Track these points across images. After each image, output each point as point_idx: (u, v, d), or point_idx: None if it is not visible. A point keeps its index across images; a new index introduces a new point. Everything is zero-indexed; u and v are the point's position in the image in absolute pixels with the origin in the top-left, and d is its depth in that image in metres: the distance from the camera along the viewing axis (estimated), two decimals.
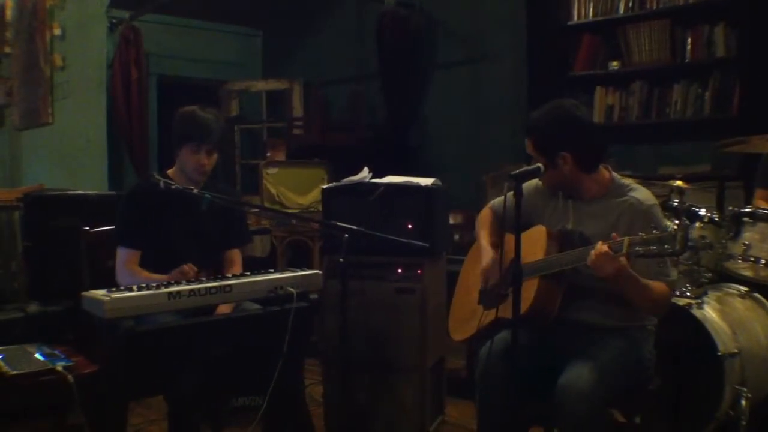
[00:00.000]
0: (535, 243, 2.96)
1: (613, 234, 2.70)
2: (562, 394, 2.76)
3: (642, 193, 2.95)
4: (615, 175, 3.05)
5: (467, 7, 6.75)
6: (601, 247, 2.67)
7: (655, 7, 5.69)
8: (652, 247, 2.57)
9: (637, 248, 2.60)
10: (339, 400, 3.90)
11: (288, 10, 7.95)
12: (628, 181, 3.05)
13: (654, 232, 2.60)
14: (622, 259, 2.66)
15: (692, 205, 3.73)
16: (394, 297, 3.83)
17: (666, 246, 2.54)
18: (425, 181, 3.89)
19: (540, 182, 3.10)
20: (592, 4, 5.93)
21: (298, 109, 7.85)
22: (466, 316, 3.22)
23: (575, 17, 6.03)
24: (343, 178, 4.03)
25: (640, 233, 2.63)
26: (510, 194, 2.71)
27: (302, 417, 3.38)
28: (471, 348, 4.69)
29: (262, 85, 8.20)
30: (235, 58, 8.44)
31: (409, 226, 3.77)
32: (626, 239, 2.63)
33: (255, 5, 7.91)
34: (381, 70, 7.14)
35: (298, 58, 8.11)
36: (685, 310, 3.48)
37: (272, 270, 3.19)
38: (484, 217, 3.34)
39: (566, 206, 3.05)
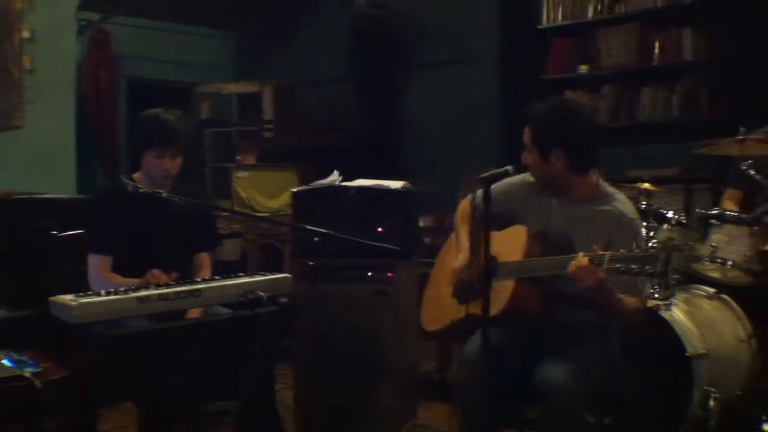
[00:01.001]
0: (514, 242, 2.97)
1: (595, 246, 2.69)
2: (540, 392, 2.78)
3: (626, 205, 2.97)
4: (602, 181, 3.05)
5: (443, 10, 6.76)
6: (582, 259, 2.67)
7: (624, 11, 5.75)
8: (632, 266, 2.58)
9: (618, 265, 2.61)
10: (311, 404, 3.89)
11: (262, 12, 7.91)
12: (612, 189, 3.06)
13: (635, 249, 2.61)
14: (601, 273, 2.67)
15: (660, 208, 3.76)
16: (365, 300, 3.82)
17: (647, 267, 2.55)
18: (396, 184, 3.90)
19: (527, 177, 3.09)
20: (561, 8, 5.97)
21: (269, 111, 7.82)
22: (440, 307, 3.21)
23: (545, 21, 6.07)
24: (318, 181, 4.03)
25: (622, 250, 2.63)
26: (480, 196, 2.72)
27: (274, 422, 3.37)
28: (443, 350, 4.71)
29: (233, 88, 8.16)
30: (207, 61, 8.39)
31: (380, 230, 3.77)
32: (608, 254, 2.63)
33: (227, 7, 7.87)
34: (357, 72, 7.12)
35: (272, 61, 8.08)
36: (653, 312, 3.51)
37: (242, 274, 3.17)
38: (462, 210, 3.32)
39: (552, 205, 3.05)
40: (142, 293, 2.81)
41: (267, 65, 8.10)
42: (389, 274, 3.80)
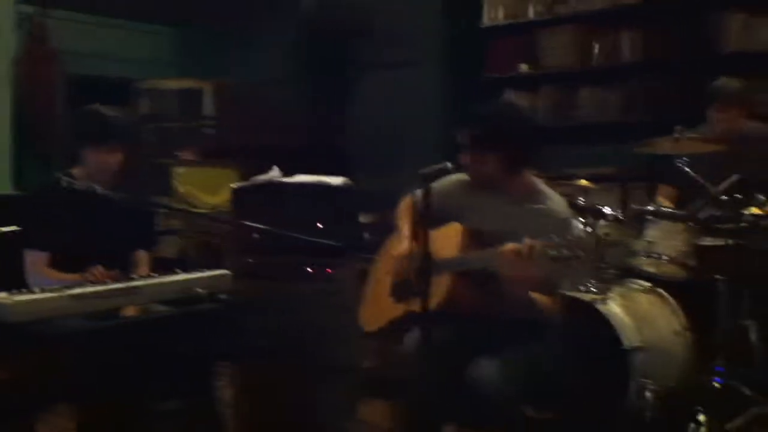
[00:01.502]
0: (450, 240, 2.99)
1: (526, 238, 2.73)
2: (474, 386, 2.81)
3: (559, 204, 3.02)
4: (537, 180, 3.10)
5: (388, 10, 6.75)
6: (514, 247, 2.71)
7: (564, 12, 5.81)
8: (564, 251, 2.62)
9: (550, 251, 2.65)
10: (252, 402, 3.87)
11: (204, 7, 7.83)
12: (547, 188, 3.11)
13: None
14: (531, 266, 2.70)
15: (597, 204, 3.81)
16: (306, 296, 3.81)
17: (578, 251, 2.59)
18: (336, 181, 3.89)
19: (463, 177, 3.12)
20: (503, 8, 6.01)
21: (210, 108, 7.75)
22: (378, 306, 3.23)
23: (486, 20, 6.10)
24: (258, 177, 4.01)
25: (553, 235, 2.68)
26: (422, 193, 2.73)
27: (215, 421, 3.34)
28: (385, 347, 4.71)
29: (174, 84, 8.05)
30: (148, 56, 8.27)
31: (320, 226, 3.77)
32: (539, 242, 2.67)
33: (169, 2, 7.78)
34: (302, 71, 7.10)
35: (215, 57, 8.00)
36: (590, 306, 3.56)
37: (180, 271, 3.14)
38: (405, 207, 3.35)
39: (487, 205, 3.08)
40: (78, 291, 2.76)
41: (209, 62, 8.02)
42: (329, 271, 3.80)
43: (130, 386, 2.97)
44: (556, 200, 3.02)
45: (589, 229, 3.29)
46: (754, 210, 3.64)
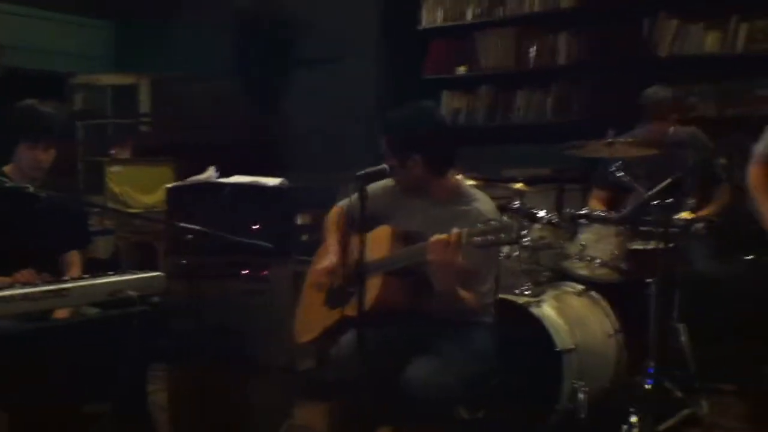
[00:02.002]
0: (380, 242, 3.00)
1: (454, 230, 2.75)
2: (407, 387, 2.81)
3: (486, 205, 3.04)
4: (462, 181, 3.12)
5: (325, 6, 6.72)
6: (441, 237, 2.72)
7: (502, 15, 5.86)
8: (489, 237, 2.64)
9: (475, 238, 2.67)
10: (186, 404, 3.82)
11: (140, 1, 7.72)
12: (473, 189, 3.13)
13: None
14: (458, 254, 2.72)
15: (532, 207, 3.85)
16: (241, 298, 3.78)
17: (502, 235, 2.61)
18: (272, 182, 3.87)
19: (390, 182, 3.14)
20: (441, 10, 6.04)
21: (146, 104, 7.64)
22: (313, 317, 3.22)
23: (425, 21, 6.13)
24: (194, 177, 3.96)
25: (479, 224, 2.70)
26: (355, 195, 2.73)
27: (147, 424, 3.29)
28: (322, 349, 4.70)
29: (109, 79, 7.92)
30: (84, 51, 8.11)
31: (256, 227, 3.74)
32: (465, 230, 2.69)
33: None
34: (238, 67, 7.03)
35: (151, 52, 7.88)
36: (524, 308, 3.59)
37: (112, 272, 3.08)
38: (332, 216, 3.36)
39: (415, 207, 3.11)
40: (5, 293, 2.69)
41: (145, 56, 7.89)
42: (264, 273, 3.77)
43: (60, 389, 2.91)
44: (483, 201, 3.06)
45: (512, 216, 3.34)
46: (685, 214, 3.71)
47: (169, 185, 4.07)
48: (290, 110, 6.98)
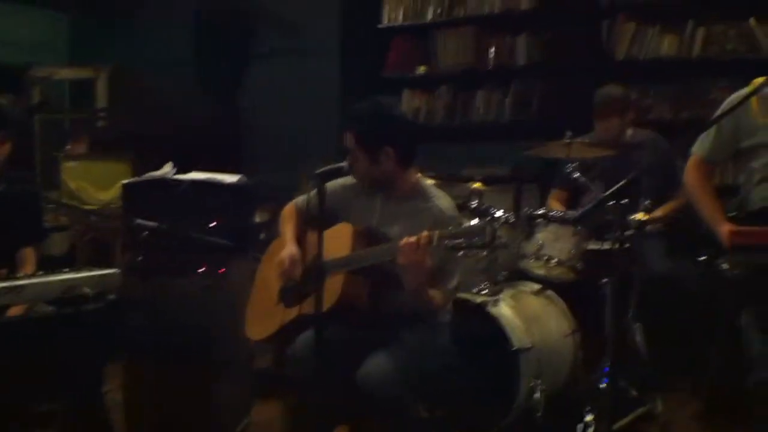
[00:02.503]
0: (339, 239, 3.00)
1: (425, 231, 2.75)
2: (364, 384, 2.82)
3: (445, 201, 3.05)
4: (422, 179, 3.14)
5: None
6: (410, 238, 2.73)
7: (462, 15, 5.88)
8: (460, 240, 2.65)
9: (446, 241, 2.68)
10: (142, 402, 3.78)
11: None
12: (432, 187, 3.15)
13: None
14: (427, 256, 2.73)
15: (490, 207, 3.87)
16: (199, 295, 3.75)
17: (475, 238, 2.63)
18: (230, 178, 3.85)
19: (348, 180, 3.13)
20: (402, 8, 6.05)
21: (104, 98, 7.54)
22: (265, 314, 3.21)
23: (386, 20, 6.13)
24: (150, 173, 3.92)
25: (450, 227, 2.72)
26: (313, 192, 2.73)
27: (102, 422, 3.26)
28: (280, 346, 4.68)
29: (66, 73, 7.80)
30: (39, 42, 7.98)
31: (213, 224, 3.71)
32: (437, 232, 2.71)
33: None
34: (198, 60, 6.97)
35: (109, 44, 7.77)
36: (481, 308, 3.61)
37: (67, 269, 3.05)
38: (288, 213, 3.35)
39: (375, 204, 3.11)
40: None
41: (103, 48, 7.77)
42: (222, 270, 3.74)
43: (12, 387, 2.87)
44: (442, 198, 3.07)
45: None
46: (640, 215, 3.75)
47: (126, 181, 4.02)
48: (250, 105, 6.93)
